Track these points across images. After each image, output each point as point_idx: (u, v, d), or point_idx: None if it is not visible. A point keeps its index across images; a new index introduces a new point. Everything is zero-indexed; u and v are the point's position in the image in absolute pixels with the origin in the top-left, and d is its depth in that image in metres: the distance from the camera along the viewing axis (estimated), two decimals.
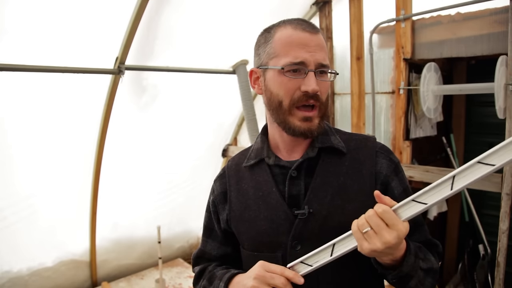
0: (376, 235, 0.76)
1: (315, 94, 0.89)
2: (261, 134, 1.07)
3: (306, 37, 0.90)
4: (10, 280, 2.53)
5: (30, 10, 1.92)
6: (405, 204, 0.79)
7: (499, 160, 0.71)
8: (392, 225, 0.76)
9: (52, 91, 2.28)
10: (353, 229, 0.80)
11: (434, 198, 0.76)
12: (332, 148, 0.98)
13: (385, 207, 0.78)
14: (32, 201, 2.51)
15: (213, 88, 3.06)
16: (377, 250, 0.76)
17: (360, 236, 0.78)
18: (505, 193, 1.90)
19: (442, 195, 0.76)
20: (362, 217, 0.79)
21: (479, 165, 0.73)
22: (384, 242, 0.75)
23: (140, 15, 2.13)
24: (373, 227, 0.76)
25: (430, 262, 0.92)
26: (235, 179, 1.07)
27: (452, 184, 0.75)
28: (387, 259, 0.82)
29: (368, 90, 2.69)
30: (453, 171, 0.75)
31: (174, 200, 3.37)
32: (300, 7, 2.90)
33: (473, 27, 2.15)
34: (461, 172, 0.74)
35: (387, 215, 0.76)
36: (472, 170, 0.74)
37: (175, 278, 3.06)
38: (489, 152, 0.72)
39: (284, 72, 0.90)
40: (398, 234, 0.76)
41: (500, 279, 1.94)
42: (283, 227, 0.95)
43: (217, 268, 1.09)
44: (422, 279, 0.88)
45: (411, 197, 0.78)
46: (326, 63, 0.92)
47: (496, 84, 1.96)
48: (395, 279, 0.85)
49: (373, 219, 0.77)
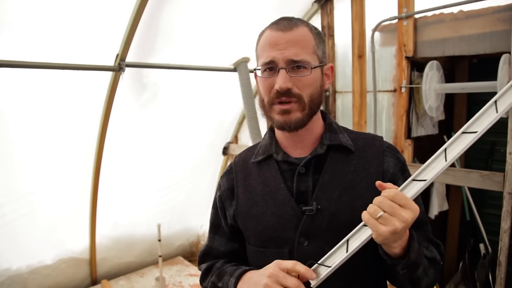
0: (392, 216, 0.76)
1: (287, 91, 0.91)
2: (269, 130, 1.09)
3: (277, 36, 0.93)
4: (9, 278, 2.53)
5: (30, 7, 1.91)
6: (408, 185, 0.82)
7: (480, 126, 0.81)
8: (405, 204, 0.77)
9: (52, 87, 2.27)
10: (365, 218, 0.79)
11: (432, 172, 0.82)
12: (340, 146, 0.99)
13: (395, 190, 0.79)
14: (32, 199, 2.50)
15: (214, 85, 3.05)
16: (396, 231, 0.76)
17: (375, 222, 0.78)
18: (507, 192, 1.89)
19: (439, 168, 0.81)
20: (370, 205, 0.80)
21: (464, 135, 0.82)
22: (403, 220, 0.76)
23: (141, 11, 2.12)
24: (386, 210, 0.77)
25: (433, 253, 0.95)
26: (243, 175, 1.07)
27: (445, 156, 0.82)
28: (397, 247, 0.82)
29: (370, 89, 2.68)
30: (444, 145, 0.83)
31: (174, 198, 3.37)
32: (302, 5, 2.89)
33: (476, 25, 2.14)
34: (451, 144, 0.82)
35: (399, 196, 0.78)
36: (460, 141, 0.82)
37: (175, 276, 3.06)
38: (470, 123, 0.82)
39: (261, 72, 0.96)
40: (413, 211, 0.78)
41: (502, 278, 1.93)
42: (291, 223, 0.96)
43: (226, 264, 1.09)
44: (426, 268, 0.89)
45: (411, 177, 0.82)
46: (298, 59, 0.91)
47: (498, 82, 1.94)
48: (405, 268, 0.84)
49: (386, 202, 0.77)
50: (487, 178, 1.99)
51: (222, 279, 1.03)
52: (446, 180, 2.23)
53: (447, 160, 0.81)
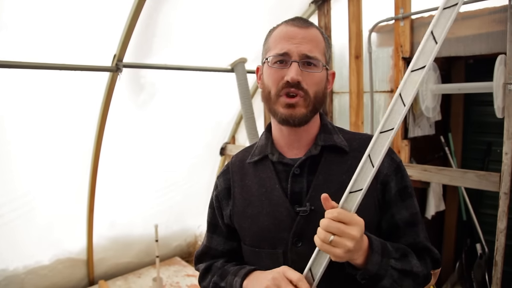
0: (341, 238, 0.78)
1: (296, 83, 0.92)
2: (265, 131, 1.09)
3: (293, 31, 0.94)
4: (6, 278, 2.52)
5: (27, 7, 1.91)
6: (346, 199, 0.83)
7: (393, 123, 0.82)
8: (350, 221, 0.79)
9: (49, 88, 2.27)
10: (319, 244, 0.81)
11: (364, 180, 0.83)
12: (334, 146, 0.99)
13: (338, 210, 0.81)
14: (30, 199, 2.50)
15: (212, 86, 3.05)
16: (350, 250, 0.78)
17: (328, 247, 0.79)
18: (503, 192, 1.90)
19: (369, 174, 0.82)
20: (320, 231, 0.81)
21: (381, 134, 0.83)
22: (352, 238, 0.78)
23: (139, 12, 2.12)
24: (335, 233, 0.78)
25: (408, 264, 0.91)
26: (239, 175, 1.08)
27: (371, 162, 0.83)
28: (358, 258, 0.83)
29: (367, 89, 2.69)
30: (366, 151, 0.84)
31: (171, 198, 3.36)
32: (299, 5, 2.89)
33: (472, 26, 2.15)
34: (372, 148, 0.83)
35: (342, 215, 0.79)
36: (379, 142, 0.83)
37: (172, 276, 3.05)
38: (383, 121, 0.83)
39: (271, 63, 0.95)
40: (359, 225, 0.80)
41: (498, 278, 1.94)
42: (285, 223, 0.96)
43: (227, 264, 1.09)
44: (397, 279, 0.88)
45: (347, 190, 0.83)
46: (312, 55, 0.93)
47: (494, 83, 1.95)
48: (364, 278, 0.86)
49: (333, 225, 0.79)
50: (483, 179, 2.00)
51: (225, 278, 1.03)
52: (442, 181, 2.24)
53: (374, 166, 0.82)
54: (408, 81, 0.82)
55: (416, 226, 0.99)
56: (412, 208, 0.98)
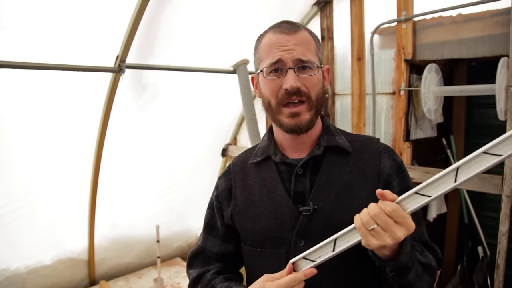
0: (384, 232, 0.76)
1: (297, 90, 0.92)
2: (267, 132, 1.10)
3: (282, 38, 0.94)
4: (8, 278, 2.53)
5: (30, 6, 1.92)
6: (408, 197, 0.78)
7: (506, 150, 0.68)
8: (402, 221, 0.76)
9: (52, 89, 2.27)
10: (357, 225, 0.79)
11: (438, 190, 0.75)
12: (337, 147, 1.00)
13: (393, 205, 0.77)
14: (31, 199, 2.50)
15: (214, 87, 3.06)
16: (386, 246, 0.76)
17: (366, 232, 0.77)
18: (505, 195, 1.89)
19: (446, 187, 0.74)
20: (365, 213, 0.78)
21: (484, 155, 0.70)
22: (394, 238, 0.76)
23: (141, 13, 2.12)
24: (380, 225, 0.76)
25: (428, 258, 0.92)
26: (241, 176, 1.08)
27: (456, 176, 0.73)
28: (387, 251, 0.82)
29: (369, 91, 2.68)
30: (457, 162, 0.73)
31: (173, 199, 3.37)
32: (301, 7, 2.89)
33: (475, 28, 2.15)
34: (466, 163, 0.72)
35: (397, 213, 0.76)
36: (477, 161, 0.71)
37: (173, 277, 3.05)
38: (495, 142, 0.69)
39: (266, 73, 0.95)
40: (408, 229, 0.77)
41: (500, 281, 1.93)
42: (288, 223, 0.96)
43: (216, 279, 1.07)
44: (420, 273, 0.87)
45: (413, 189, 0.77)
46: (305, 59, 0.93)
47: (497, 85, 1.95)
48: (395, 271, 0.83)
49: (381, 217, 0.76)
50: (485, 181, 2.00)
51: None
52: None
53: (456, 181, 0.73)
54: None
55: (420, 226, 0.99)
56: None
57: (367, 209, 0.79)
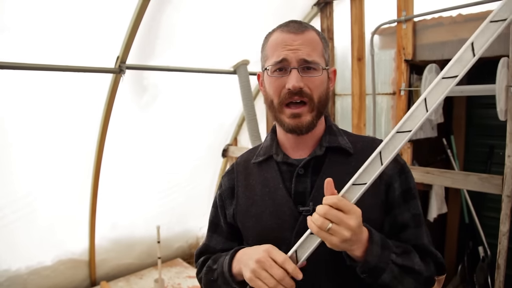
0: (339, 226, 0.78)
1: (299, 90, 0.92)
2: (270, 132, 1.10)
3: (289, 37, 0.94)
4: (9, 279, 2.53)
5: (31, 7, 1.92)
6: (348, 190, 0.84)
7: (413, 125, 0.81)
8: (349, 210, 0.79)
9: (52, 89, 2.27)
10: (315, 231, 0.81)
11: (370, 176, 0.83)
12: (339, 148, 1.00)
13: (338, 197, 0.80)
14: (31, 200, 2.50)
15: (214, 88, 3.06)
16: (346, 239, 0.78)
17: (325, 234, 0.79)
18: (505, 195, 1.89)
19: (376, 170, 0.83)
20: (316, 217, 0.80)
21: (398, 134, 0.83)
22: (349, 228, 0.78)
23: (142, 14, 2.12)
24: (333, 221, 0.78)
25: (410, 261, 0.89)
26: (243, 175, 1.09)
27: (381, 159, 0.83)
28: (356, 249, 0.82)
29: (369, 91, 2.69)
30: (378, 147, 0.83)
31: (173, 200, 3.37)
32: (302, 8, 2.90)
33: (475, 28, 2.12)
34: (385, 145, 0.83)
35: (343, 203, 0.79)
36: (393, 141, 0.83)
37: (174, 278, 3.06)
38: (403, 121, 0.82)
39: (271, 72, 0.95)
40: (357, 215, 0.79)
41: (500, 281, 1.93)
42: (288, 223, 0.96)
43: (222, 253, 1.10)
44: (398, 275, 0.86)
45: (350, 181, 0.84)
46: (310, 59, 0.93)
47: (497, 86, 1.95)
48: (365, 272, 0.84)
49: (332, 213, 0.78)
50: (485, 181, 2.00)
51: (217, 262, 1.05)
52: (445, 183, 2.24)
53: (382, 163, 0.83)
54: (436, 88, 0.81)
55: (419, 228, 0.98)
56: (415, 210, 0.97)
57: (315, 212, 0.81)
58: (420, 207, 1.00)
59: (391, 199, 0.97)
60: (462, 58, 0.81)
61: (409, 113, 0.82)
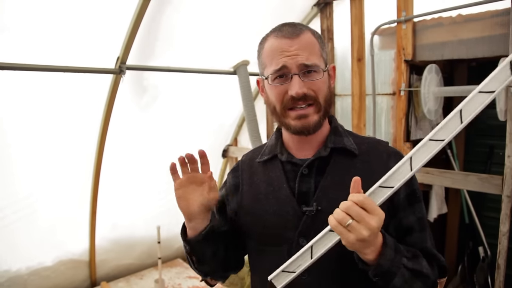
0: (359, 224, 0.77)
1: (303, 96, 0.92)
2: (276, 131, 1.11)
3: (285, 43, 0.93)
4: (9, 279, 2.53)
5: (30, 8, 1.92)
6: (374, 191, 0.84)
7: (446, 135, 0.82)
8: (373, 210, 0.78)
9: (52, 90, 2.27)
10: (333, 225, 0.80)
11: (398, 180, 0.83)
12: (344, 149, 1.00)
13: (363, 195, 0.80)
14: (32, 201, 2.50)
15: (214, 88, 3.06)
16: (364, 239, 0.77)
17: (343, 230, 0.79)
18: (505, 195, 1.90)
19: (404, 176, 0.83)
20: (338, 211, 0.80)
21: (430, 142, 0.83)
22: (369, 228, 0.77)
23: (142, 14, 2.13)
24: (355, 218, 0.78)
25: (419, 265, 0.90)
26: (248, 173, 1.10)
27: (411, 164, 0.83)
28: (369, 253, 0.82)
29: (369, 92, 2.69)
30: (410, 152, 0.84)
31: (174, 200, 3.34)
32: (301, 8, 2.90)
33: (474, 29, 2.15)
34: (417, 151, 0.83)
35: (367, 201, 0.79)
36: (426, 148, 0.83)
37: (174, 278, 3.06)
38: (436, 129, 0.83)
39: (271, 80, 0.95)
40: (379, 217, 0.79)
41: (501, 281, 1.94)
42: (291, 222, 0.97)
43: None
44: (408, 279, 0.86)
45: (377, 183, 0.84)
46: (309, 63, 0.92)
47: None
48: (377, 275, 0.84)
49: (354, 209, 0.78)
50: (485, 181, 2.00)
51: None
52: (445, 183, 2.24)
53: (412, 169, 0.83)
54: (472, 101, 0.83)
55: (424, 231, 0.98)
56: (419, 213, 0.98)
57: (338, 208, 0.81)
58: (424, 210, 1.00)
59: (396, 202, 0.97)
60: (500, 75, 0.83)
61: (444, 122, 0.83)
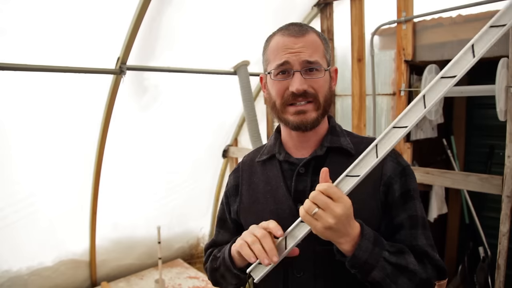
0: (325, 212, 0.79)
1: (303, 92, 0.93)
2: (275, 132, 1.13)
3: (290, 41, 0.95)
4: (10, 279, 2.53)
5: (31, 9, 1.92)
6: (341, 181, 0.85)
7: (410, 121, 0.83)
8: (338, 198, 0.80)
9: (53, 90, 2.28)
10: (302, 215, 0.83)
11: (364, 168, 0.85)
12: (340, 148, 1.01)
13: (328, 184, 0.82)
14: (32, 201, 2.51)
15: (214, 88, 3.06)
16: (330, 226, 0.79)
17: (311, 219, 0.81)
18: (505, 195, 1.90)
19: (370, 163, 0.84)
20: (306, 201, 0.82)
21: (394, 129, 0.84)
22: (334, 215, 0.79)
23: (142, 15, 2.13)
24: (320, 206, 0.80)
25: (404, 260, 0.87)
26: (248, 173, 1.12)
27: (376, 152, 0.85)
28: (344, 243, 0.83)
29: (369, 92, 2.69)
30: (375, 141, 0.85)
31: (174, 200, 3.37)
32: (302, 9, 2.90)
33: (474, 29, 2.15)
34: (382, 139, 0.85)
35: (332, 189, 0.81)
36: (390, 135, 0.84)
37: (174, 278, 3.06)
38: (400, 117, 0.84)
39: (274, 75, 0.97)
40: (345, 204, 0.80)
41: (501, 281, 1.94)
42: (287, 221, 0.96)
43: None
44: (390, 274, 0.84)
45: (344, 173, 0.85)
46: (312, 60, 0.94)
47: (497, 86, 1.96)
48: (354, 267, 0.84)
49: (320, 198, 0.80)
50: (485, 181, 2.00)
51: (221, 250, 1.09)
52: (445, 183, 2.24)
53: (378, 157, 0.84)
54: (435, 86, 0.83)
55: (415, 229, 0.95)
56: (411, 211, 0.96)
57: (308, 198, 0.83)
58: (418, 209, 0.97)
59: (391, 201, 0.97)
60: (462, 59, 0.83)
61: (406, 110, 0.84)
